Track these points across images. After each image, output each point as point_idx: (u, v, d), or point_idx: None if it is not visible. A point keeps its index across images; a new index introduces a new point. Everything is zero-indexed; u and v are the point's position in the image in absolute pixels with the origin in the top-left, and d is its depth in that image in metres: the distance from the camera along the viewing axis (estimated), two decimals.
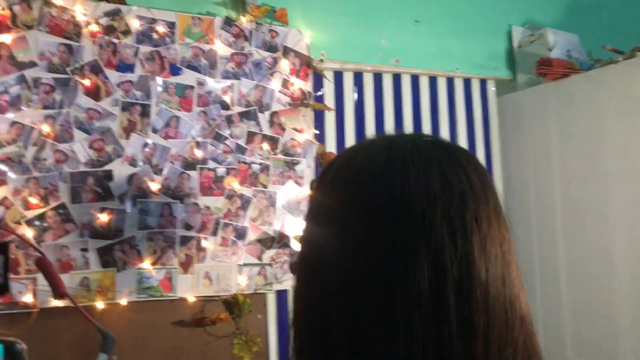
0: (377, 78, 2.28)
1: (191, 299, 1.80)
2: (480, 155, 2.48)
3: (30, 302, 1.59)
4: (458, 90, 2.46)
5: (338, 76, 2.20)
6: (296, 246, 1.94)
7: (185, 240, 1.82)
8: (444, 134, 2.40)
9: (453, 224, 0.52)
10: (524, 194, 2.43)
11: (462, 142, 2.44)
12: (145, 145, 1.79)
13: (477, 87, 2.51)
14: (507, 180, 2.53)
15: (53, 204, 1.66)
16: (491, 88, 2.55)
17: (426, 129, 2.36)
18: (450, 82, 2.44)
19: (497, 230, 0.55)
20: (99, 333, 1.06)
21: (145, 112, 1.80)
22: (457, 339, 0.50)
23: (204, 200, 1.86)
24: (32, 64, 1.67)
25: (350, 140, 2.19)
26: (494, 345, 0.51)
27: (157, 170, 1.80)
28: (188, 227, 1.83)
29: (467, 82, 2.48)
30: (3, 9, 1.64)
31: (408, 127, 2.31)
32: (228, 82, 1.92)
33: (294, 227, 1.98)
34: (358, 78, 2.24)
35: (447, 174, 0.55)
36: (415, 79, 2.36)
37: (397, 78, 2.32)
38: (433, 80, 2.40)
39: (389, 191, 0.54)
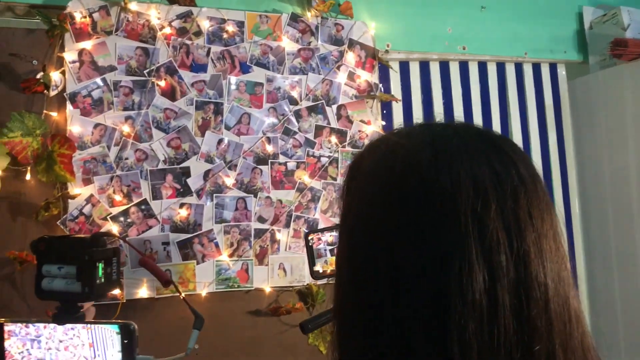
0: (444, 66, 2.26)
1: (267, 289, 1.86)
2: (552, 141, 2.42)
3: (117, 294, 1.68)
4: (527, 75, 2.40)
5: (404, 66, 2.19)
6: None
7: (259, 233, 1.87)
8: (514, 120, 2.35)
9: (507, 221, 0.50)
10: (599, 180, 2.35)
11: (533, 128, 2.39)
12: (219, 142, 1.85)
13: (546, 72, 2.44)
14: (580, 167, 2.45)
15: (135, 200, 1.75)
16: (562, 72, 2.48)
17: (495, 116, 2.32)
18: (518, 67, 2.39)
19: (550, 225, 0.53)
20: (192, 312, 1.21)
21: (218, 110, 1.86)
22: (515, 343, 0.48)
23: (276, 194, 1.90)
24: (112, 68, 1.76)
25: None
26: (557, 348, 0.49)
27: (231, 166, 1.86)
28: (262, 219, 1.88)
29: (536, 67, 2.42)
30: (84, 17, 1.73)
31: (477, 115, 2.28)
32: (296, 78, 1.96)
33: None
34: (424, 67, 2.23)
35: (496, 168, 0.52)
36: (482, 66, 2.32)
37: (464, 66, 2.30)
38: (501, 67, 2.36)
39: (438, 190, 0.50)
